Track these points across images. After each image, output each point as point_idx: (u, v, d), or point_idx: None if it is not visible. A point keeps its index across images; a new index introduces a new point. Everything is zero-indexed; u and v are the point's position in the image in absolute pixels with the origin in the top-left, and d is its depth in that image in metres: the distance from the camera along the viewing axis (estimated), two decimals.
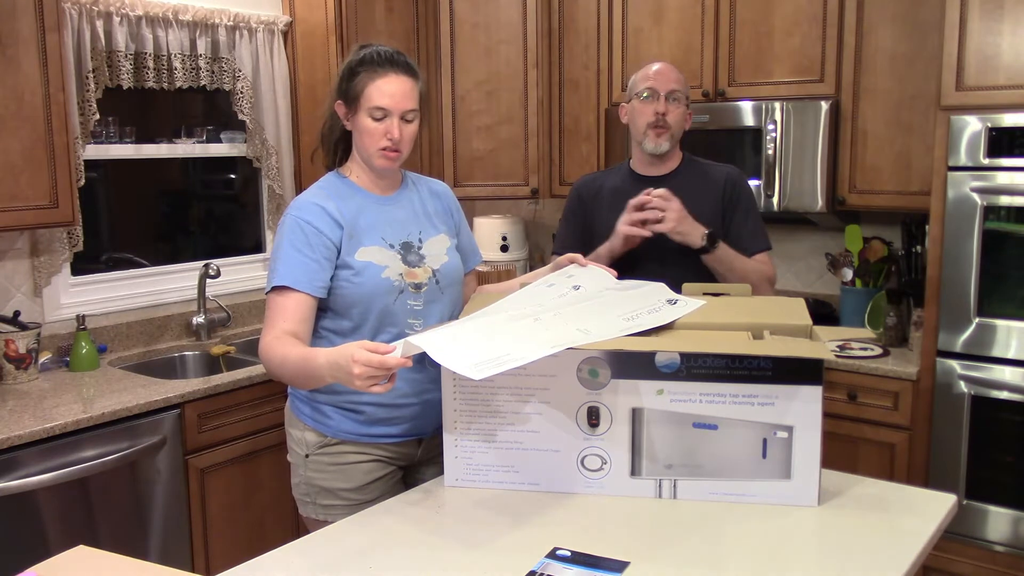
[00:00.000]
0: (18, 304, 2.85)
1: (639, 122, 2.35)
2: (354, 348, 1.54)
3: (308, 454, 1.93)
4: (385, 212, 1.93)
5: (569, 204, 2.52)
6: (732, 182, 2.37)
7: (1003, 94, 2.57)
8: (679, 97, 2.32)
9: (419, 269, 1.91)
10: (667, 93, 2.31)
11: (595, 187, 2.46)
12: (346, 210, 1.87)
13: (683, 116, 2.36)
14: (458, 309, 1.99)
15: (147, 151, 3.29)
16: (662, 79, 2.32)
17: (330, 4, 3.33)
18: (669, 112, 2.31)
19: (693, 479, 1.67)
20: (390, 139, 1.85)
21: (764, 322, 1.73)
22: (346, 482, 1.90)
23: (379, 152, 1.87)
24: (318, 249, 1.81)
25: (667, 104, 2.31)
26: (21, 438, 2.28)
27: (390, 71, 1.84)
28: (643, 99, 2.33)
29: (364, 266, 1.84)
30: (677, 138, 2.37)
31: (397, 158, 1.89)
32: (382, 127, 1.85)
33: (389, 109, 1.84)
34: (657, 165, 2.39)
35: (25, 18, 2.50)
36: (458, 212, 2.10)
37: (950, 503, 1.67)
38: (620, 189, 2.41)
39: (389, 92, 1.83)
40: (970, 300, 2.66)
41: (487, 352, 1.53)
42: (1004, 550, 2.68)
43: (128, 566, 1.39)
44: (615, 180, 2.45)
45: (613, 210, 2.37)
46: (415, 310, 1.89)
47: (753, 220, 2.38)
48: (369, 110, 1.84)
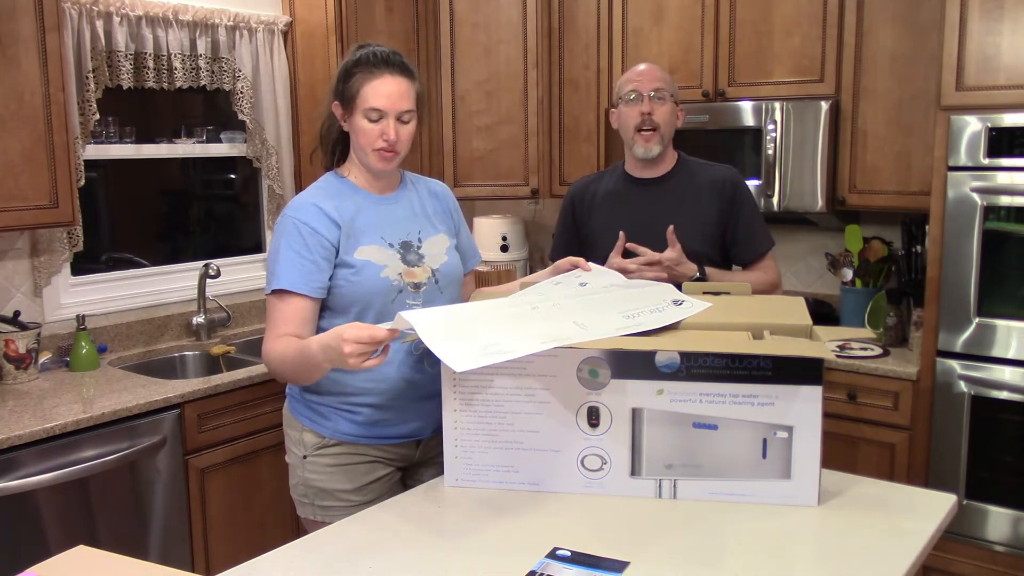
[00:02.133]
0: (18, 304, 2.85)
1: (627, 126, 2.32)
2: (343, 328, 1.58)
3: (306, 455, 1.92)
4: (384, 212, 1.92)
5: (563, 212, 2.50)
6: (732, 184, 2.35)
7: (1003, 94, 2.57)
8: (664, 95, 2.29)
9: (418, 269, 1.90)
10: (651, 92, 2.28)
11: (589, 193, 2.44)
12: (344, 210, 1.87)
13: (671, 114, 2.32)
14: None
15: (147, 151, 3.29)
16: (645, 79, 2.30)
17: (330, 4, 3.33)
18: (655, 111, 2.28)
19: (693, 479, 1.67)
20: (386, 140, 1.85)
21: (764, 322, 1.73)
22: (344, 483, 1.90)
23: (375, 153, 1.86)
24: (315, 250, 1.81)
25: (652, 103, 2.28)
26: (21, 438, 2.28)
27: (385, 72, 1.84)
28: (629, 101, 2.31)
29: (363, 264, 1.84)
30: (668, 138, 2.34)
31: (393, 159, 1.89)
32: (378, 128, 1.84)
33: (384, 110, 1.83)
34: (651, 168, 2.36)
35: (25, 18, 2.50)
36: (457, 212, 2.10)
37: (950, 503, 1.67)
38: (614, 193, 2.39)
39: (385, 93, 1.83)
40: (970, 300, 2.66)
41: (475, 341, 1.54)
42: (1004, 550, 2.68)
43: (128, 566, 1.39)
44: (609, 183, 2.43)
45: (606, 215, 2.36)
46: (414, 309, 1.88)
47: (757, 220, 2.38)
48: (365, 111, 1.84)
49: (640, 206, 2.35)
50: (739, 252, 2.38)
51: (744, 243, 2.36)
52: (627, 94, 2.32)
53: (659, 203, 2.34)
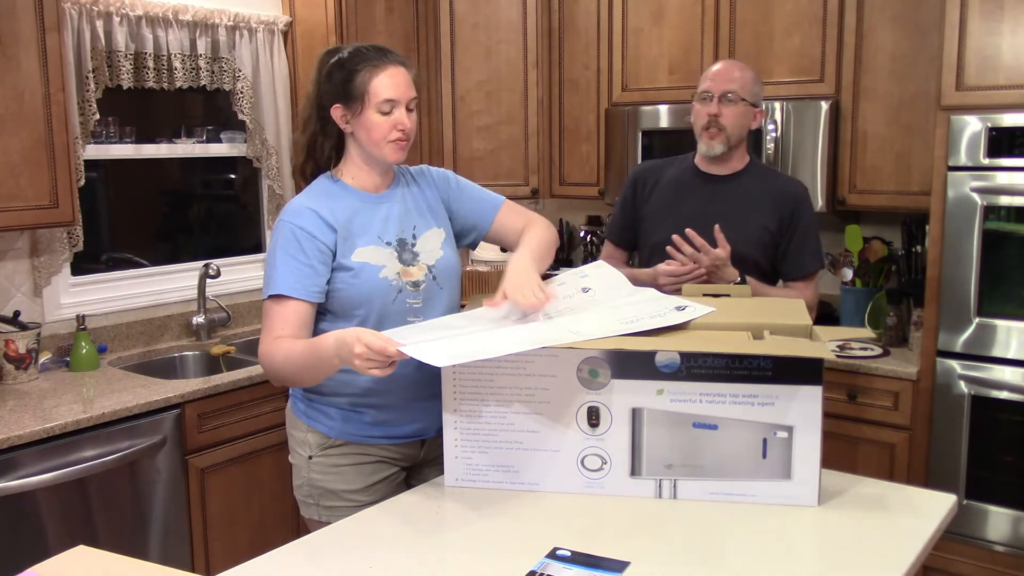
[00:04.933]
0: (18, 304, 2.85)
1: (697, 123, 2.34)
2: (362, 330, 1.61)
3: (311, 455, 1.92)
4: (379, 211, 1.92)
5: (624, 192, 2.52)
6: (796, 198, 2.35)
7: (1003, 94, 2.57)
8: (734, 98, 2.29)
9: (414, 267, 1.90)
10: (721, 94, 2.29)
11: (654, 177, 2.46)
12: (340, 212, 1.86)
13: (741, 116, 2.31)
14: (457, 303, 2.00)
15: (147, 151, 3.29)
16: (718, 80, 2.31)
17: (330, 4, 3.33)
18: (722, 114, 2.29)
19: (693, 479, 1.67)
20: (401, 129, 1.85)
21: (764, 322, 1.73)
22: (350, 483, 1.90)
23: (391, 145, 1.86)
24: (312, 254, 1.80)
25: (720, 106, 2.29)
26: (21, 438, 2.28)
27: (389, 63, 1.85)
28: (701, 100, 2.32)
29: (361, 267, 1.84)
30: (736, 139, 2.33)
31: (407, 147, 1.89)
32: (391, 120, 1.84)
33: (398, 99, 1.84)
34: (719, 165, 2.38)
35: (25, 18, 2.50)
36: (449, 187, 2.05)
37: (950, 503, 1.67)
38: (679, 181, 2.40)
39: (395, 83, 1.84)
40: (970, 300, 2.66)
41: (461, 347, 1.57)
42: (1004, 550, 2.68)
43: (128, 566, 1.39)
44: (676, 171, 2.44)
45: (666, 201, 2.37)
46: (415, 308, 1.89)
47: (812, 240, 2.37)
48: (378, 105, 1.83)
49: (701, 199, 2.36)
50: (786, 267, 2.39)
51: (793, 260, 2.36)
52: (700, 92, 2.33)
53: (721, 200, 2.35)
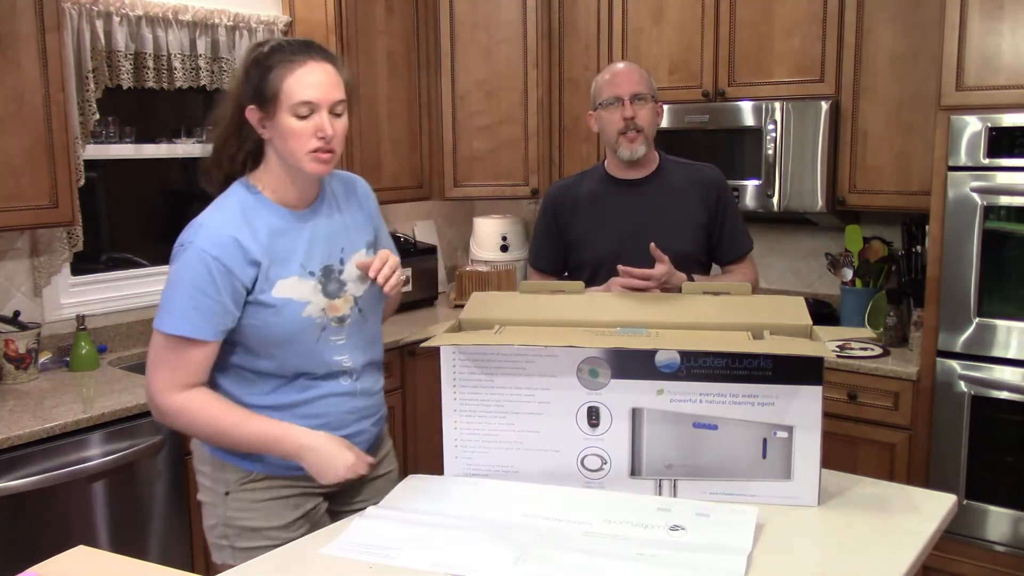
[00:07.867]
0: (18, 304, 2.85)
1: (609, 130, 2.27)
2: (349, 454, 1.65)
3: (229, 491, 1.72)
4: (304, 232, 1.70)
5: (544, 218, 2.43)
6: (718, 186, 2.34)
7: (1003, 94, 2.57)
8: (644, 97, 2.25)
9: (339, 300, 1.72)
10: (631, 96, 2.23)
11: (570, 196, 2.38)
12: (261, 234, 1.64)
13: (653, 114, 2.28)
14: (379, 332, 1.86)
15: (147, 151, 3.28)
16: (626, 83, 2.24)
17: (330, 4, 3.33)
18: (637, 115, 2.23)
19: (693, 479, 1.67)
20: (322, 137, 1.61)
21: (764, 322, 1.73)
22: (272, 519, 1.71)
23: (310, 156, 1.62)
24: (225, 291, 1.60)
25: (633, 107, 2.23)
26: (21, 438, 2.28)
27: (308, 59, 1.61)
28: (609, 106, 2.25)
29: (283, 304, 1.65)
30: (651, 138, 2.30)
31: (331, 159, 1.65)
32: (310, 125, 1.60)
33: (316, 102, 1.60)
34: (635, 169, 2.33)
35: (25, 18, 2.50)
36: (377, 214, 1.89)
37: (950, 503, 1.67)
38: (598, 194, 2.35)
39: (314, 83, 1.60)
40: (970, 300, 2.66)
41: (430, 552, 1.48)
42: (1004, 550, 2.68)
43: (128, 566, 1.39)
44: (591, 185, 2.38)
45: (592, 217, 2.32)
46: (338, 345, 1.72)
47: (740, 221, 2.39)
48: (292, 107, 1.59)
49: (627, 207, 2.32)
50: (722, 253, 2.38)
51: (728, 244, 2.36)
52: (606, 99, 2.26)
53: (646, 204, 2.31)
